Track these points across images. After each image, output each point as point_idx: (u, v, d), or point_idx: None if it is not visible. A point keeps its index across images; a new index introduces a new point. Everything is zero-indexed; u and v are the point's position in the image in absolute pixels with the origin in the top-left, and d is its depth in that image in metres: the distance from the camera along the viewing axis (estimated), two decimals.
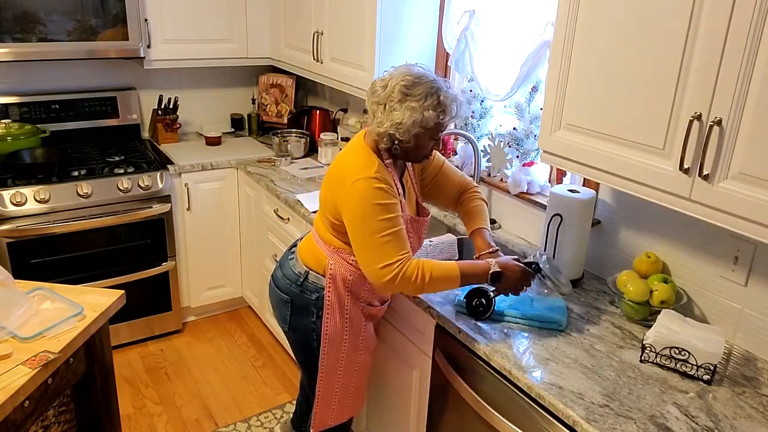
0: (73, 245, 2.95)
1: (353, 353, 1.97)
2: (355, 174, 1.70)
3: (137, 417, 2.79)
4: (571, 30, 1.71)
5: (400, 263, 1.67)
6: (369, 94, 1.74)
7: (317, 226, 1.93)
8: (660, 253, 1.94)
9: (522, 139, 2.37)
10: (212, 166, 3.27)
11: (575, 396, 1.50)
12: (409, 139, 1.71)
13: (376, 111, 1.72)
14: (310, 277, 1.90)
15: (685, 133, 1.45)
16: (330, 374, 1.96)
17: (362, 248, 1.71)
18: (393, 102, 1.67)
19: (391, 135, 1.71)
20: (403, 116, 1.66)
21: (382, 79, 1.73)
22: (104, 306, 1.77)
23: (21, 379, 1.45)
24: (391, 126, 1.68)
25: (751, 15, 1.30)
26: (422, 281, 1.68)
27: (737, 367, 1.67)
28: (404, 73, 1.69)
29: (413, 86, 1.67)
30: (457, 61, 2.57)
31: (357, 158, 1.75)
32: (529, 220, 2.41)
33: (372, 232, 1.67)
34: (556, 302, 1.88)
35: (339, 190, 1.74)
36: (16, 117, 3.20)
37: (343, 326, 1.91)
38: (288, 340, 2.08)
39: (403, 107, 1.66)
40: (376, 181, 1.68)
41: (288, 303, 1.95)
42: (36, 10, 2.83)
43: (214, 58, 3.42)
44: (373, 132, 1.74)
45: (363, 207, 1.68)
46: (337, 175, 1.78)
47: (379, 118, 1.71)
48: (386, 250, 1.67)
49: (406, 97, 1.66)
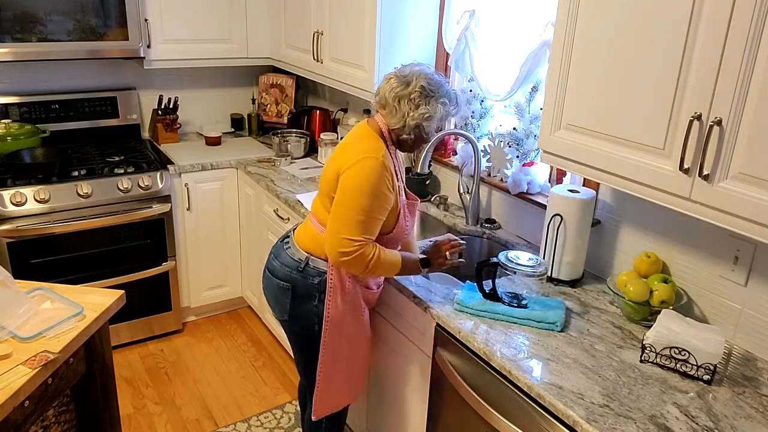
0: (73, 245, 2.95)
1: (354, 338, 2.01)
2: (364, 153, 1.82)
3: (137, 417, 2.79)
4: (571, 30, 1.71)
5: (362, 243, 1.80)
6: (387, 89, 1.85)
7: (316, 211, 1.97)
8: (660, 253, 1.94)
9: (522, 139, 2.37)
10: (212, 166, 3.27)
11: (575, 396, 1.50)
12: (428, 132, 1.89)
13: (398, 104, 1.84)
14: (311, 262, 1.95)
15: (685, 133, 1.45)
16: (331, 358, 2.00)
17: (339, 216, 1.81)
18: (417, 97, 1.82)
19: (418, 125, 1.85)
20: (435, 111, 1.83)
21: (399, 76, 1.85)
22: (104, 306, 1.77)
23: (21, 379, 1.45)
24: (422, 117, 1.83)
25: (751, 15, 1.30)
26: (373, 264, 1.81)
27: (737, 367, 1.67)
28: (426, 73, 1.85)
29: (438, 86, 1.84)
30: (457, 61, 2.57)
31: (367, 141, 1.87)
32: (529, 220, 2.41)
33: (356, 207, 1.78)
34: (555, 303, 1.88)
35: (344, 161, 1.83)
36: (16, 117, 3.20)
37: (344, 309, 1.96)
38: (287, 329, 2.09)
39: (431, 102, 1.83)
40: (382, 165, 1.80)
41: (288, 290, 1.98)
42: (36, 10, 2.83)
43: (214, 58, 3.42)
44: (396, 122, 1.86)
45: (361, 182, 1.78)
46: (345, 150, 1.89)
47: (404, 110, 1.84)
48: (359, 227, 1.79)
49: (432, 93, 1.83)
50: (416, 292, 1.97)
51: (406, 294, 2.00)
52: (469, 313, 1.86)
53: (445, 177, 2.83)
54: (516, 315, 1.81)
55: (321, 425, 2.16)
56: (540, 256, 2.12)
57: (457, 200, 2.73)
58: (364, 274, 1.86)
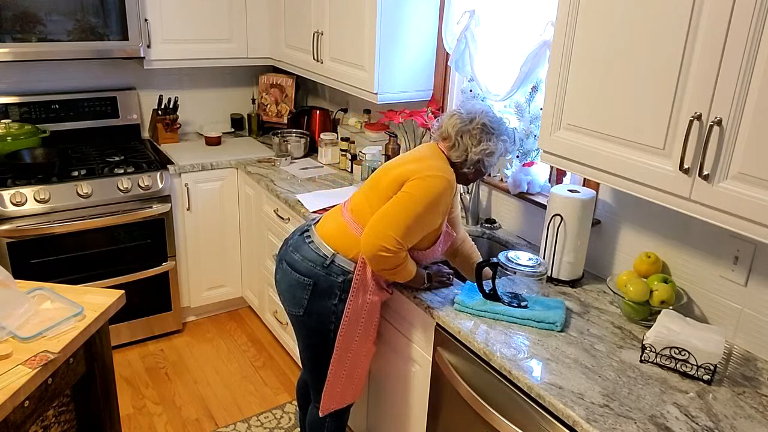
0: (73, 245, 2.95)
1: (364, 338, 2.03)
2: (439, 171, 1.88)
3: (137, 417, 2.80)
4: (571, 30, 1.71)
5: (402, 246, 1.85)
6: (451, 124, 1.95)
7: (358, 210, 1.98)
8: (660, 253, 1.94)
9: (522, 139, 2.37)
10: (212, 166, 3.27)
11: (575, 396, 1.50)
12: (488, 167, 1.97)
13: (461, 138, 1.92)
14: (337, 260, 1.95)
15: (685, 133, 1.45)
16: (341, 357, 2.02)
17: (394, 214, 1.84)
18: (478, 133, 1.91)
19: (479, 160, 1.93)
20: (496, 147, 1.93)
21: (462, 114, 1.95)
22: (104, 306, 1.77)
23: (21, 379, 1.45)
24: (483, 153, 1.92)
25: (751, 15, 1.30)
26: (400, 268, 1.88)
27: (737, 367, 1.67)
28: (488, 112, 1.95)
29: (498, 124, 1.94)
30: (457, 61, 2.57)
31: (442, 162, 1.93)
32: (529, 220, 2.41)
33: (414, 212, 1.83)
34: (555, 303, 1.88)
35: (417, 171, 1.88)
36: (16, 117, 3.20)
37: (362, 310, 1.97)
38: (299, 324, 2.06)
39: (492, 139, 1.92)
40: (450, 187, 1.88)
41: (308, 286, 1.97)
42: (36, 10, 2.83)
43: (214, 58, 3.42)
44: (457, 156, 1.94)
45: (428, 193, 1.84)
46: (418, 161, 1.92)
47: (466, 144, 1.92)
48: (406, 230, 1.83)
49: (494, 131, 1.92)
50: (416, 292, 1.98)
51: (406, 294, 2.00)
52: (469, 313, 1.86)
53: None
54: (516, 315, 1.81)
55: (325, 423, 2.16)
56: (540, 256, 2.12)
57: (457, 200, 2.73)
58: (386, 273, 1.90)
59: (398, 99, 2.76)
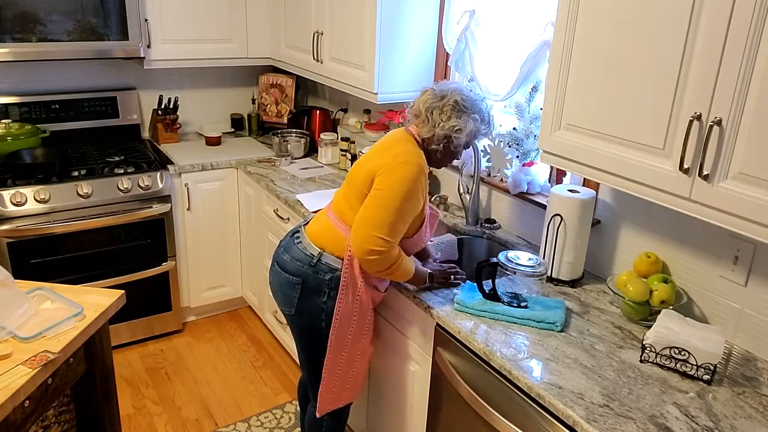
0: (73, 245, 2.95)
1: (358, 336, 2.02)
2: (405, 156, 1.85)
3: (137, 417, 2.80)
4: (571, 30, 1.71)
5: (391, 244, 1.83)
6: (422, 100, 1.93)
7: (339, 209, 1.98)
8: (660, 253, 1.94)
9: (522, 139, 2.37)
10: (212, 166, 3.27)
11: (575, 396, 1.50)
12: (457, 146, 1.93)
13: (431, 114, 1.90)
14: (323, 258, 1.96)
15: (685, 133, 1.45)
16: (335, 355, 2.02)
17: (374, 214, 1.82)
18: (449, 110, 1.88)
19: (447, 137, 1.90)
20: (465, 125, 1.89)
21: (435, 90, 1.93)
22: (104, 306, 1.77)
23: (21, 379, 1.45)
24: (452, 129, 1.88)
25: (751, 15, 1.30)
26: (395, 267, 1.86)
27: (737, 367, 1.67)
28: (461, 90, 1.92)
29: (471, 102, 1.91)
30: (457, 61, 2.57)
31: (406, 145, 1.90)
32: (529, 220, 2.41)
33: (392, 208, 1.81)
34: (555, 303, 1.88)
35: (383, 162, 1.86)
36: (16, 117, 3.20)
37: (353, 307, 1.97)
38: (292, 324, 2.09)
39: (463, 117, 1.89)
40: (421, 169, 1.85)
41: (297, 285, 1.98)
42: (36, 10, 2.83)
43: (214, 58, 3.42)
44: (426, 132, 1.91)
45: (401, 184, 1.82)
46: (383, 152, 1.90)
47: (435, 120, 1.89)
48: (390, 227, 1.82)
49: (465, 109, 1.89)
50: (416, 292, 1.98)
51: (406, 294, 2.00)
52: (469, 313, 1.86)
53: (445, 177, 2.83)
54: (516, 315, 1.81)
55: (323, 423, 2.17)
56: (540, 256, 2.12)
57: (457, 200, 2.73)
58: (382, 274, 1.88)
59: (398, 99, 2.76)
